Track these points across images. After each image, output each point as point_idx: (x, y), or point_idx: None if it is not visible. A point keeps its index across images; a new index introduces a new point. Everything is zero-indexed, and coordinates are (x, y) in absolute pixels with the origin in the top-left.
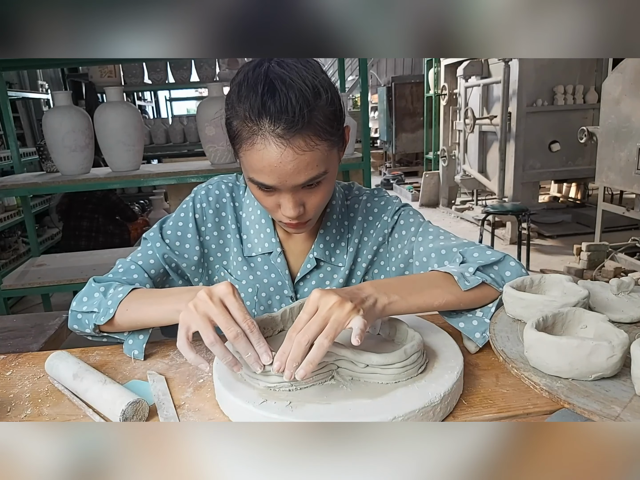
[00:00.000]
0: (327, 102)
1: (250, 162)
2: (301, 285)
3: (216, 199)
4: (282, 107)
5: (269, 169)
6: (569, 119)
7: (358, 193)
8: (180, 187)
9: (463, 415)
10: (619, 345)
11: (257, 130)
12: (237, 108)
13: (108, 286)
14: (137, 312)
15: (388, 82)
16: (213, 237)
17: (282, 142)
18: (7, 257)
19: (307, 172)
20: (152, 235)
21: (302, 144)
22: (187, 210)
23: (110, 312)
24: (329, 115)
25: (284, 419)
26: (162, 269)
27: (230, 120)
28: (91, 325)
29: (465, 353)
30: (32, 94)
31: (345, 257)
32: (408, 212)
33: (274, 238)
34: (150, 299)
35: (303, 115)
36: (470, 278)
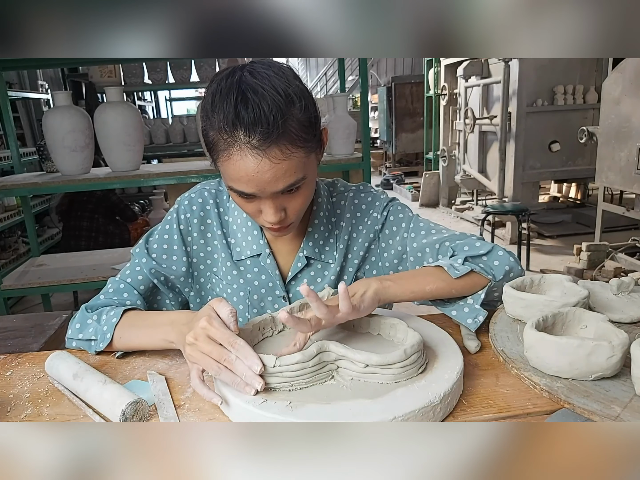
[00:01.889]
0: (301, 109)
1: (228, 172)
2: (292, 285)
3: (200, 207)
4: (256, 117)
5: (247, 178)
6: (569, 119)
7: (343, 189)
8: (180, 187)
9: (463, 415)
10: (619, 345)
11: (233, 142)
12: (212, 119)
13: (100, 313)
14: (130, 340)
15: (388, 82)
16: (200, 245)
17: (258, 152)
18: (7, 257)
19: (285, 180)
20: (138, 252)
21: (278, 154)
22: (171, 222)
23: (107, 337)
24: (304, 123)
25: (284, 419)
26: (150, 283)
27: (207, 132)
28: (91, 351)
29: (465, 353)
30: (32, 94)
31: (335, 254)
32: (397, 208)
33: (262, 240)
34: (142, 322)
35: (277, 125)
36: (459, 267)
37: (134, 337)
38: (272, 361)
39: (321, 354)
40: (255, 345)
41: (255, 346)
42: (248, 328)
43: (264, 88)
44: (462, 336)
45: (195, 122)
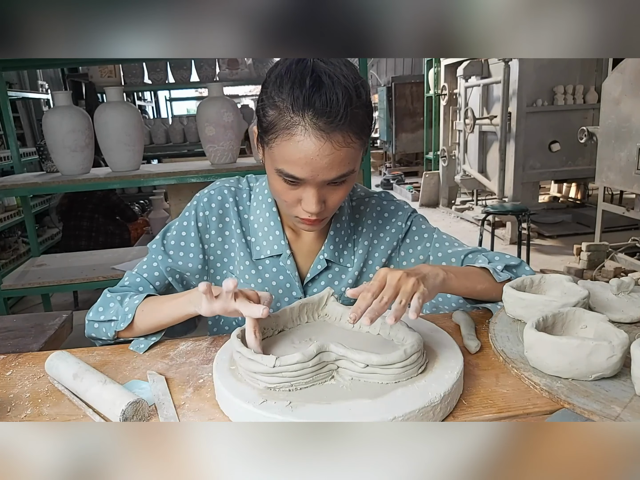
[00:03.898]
0: (366, 102)
1: (284, 153)
2: (310, 286)
3: (219, 205)
4: (328, 101)
5: (304, 161)
6: (569, 119)
7: (364, 195)
8: (180, 187)
9: (463, 415)
10: (619, 345)
11: (299, 121)
12: (277, 99)
13: (124, 295)
14: (152, 311)
15: (388, 82)
16: (217, 243)
17: (323, 135)
18: (7, 257)
19: (339, 169)
20: (155, 248)
21: (340, 140)
22: (189, 219)
23: (129, 317)
24: (367, 115)
25: (284, 419)
26: (166, 281)
27: (266, 111)
28: (110, 332)
29: (465, 353)
30: (32, 94)
31: (353, 258)
32: (419, 219)
33: (283, 240)
34: (164, 298)
35: (346, 112)
36: (501, 273)
37: (156, 309)
38: (272, 361)
39: (321, 354)
40: None
41: None
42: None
43: (337, 75)
44: (462, 336)
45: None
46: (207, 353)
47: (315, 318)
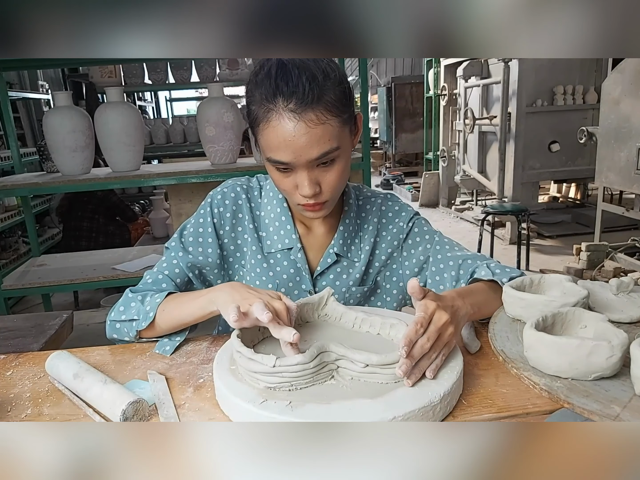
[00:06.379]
0: (336, 81)
1: (267, 140)
2: (319, 280)
3: (232, 201)
4: (294, 85)
5: (285, 143)
6: (568, 119)
7: (370, 195)
8: (180, 187)
9: (463, 415)
10: (619, 345)
11: (273, 108)
12: (254, 93)
13: (145, 295)
14: (173, 310)
15: (388, 82)
16: (231, 238)
17: (295, 116)
18: (7, 257)
19: (320, 146)
20: (174, 245)
21: (313, 118)
22: (205, 216)
23: (150, 316)
24: (338, 94)
25: (284, 419)
26: (186, 277)
27: (250, 107)
28: (132, 332)
29: (465, 353)
30: (32, 94)
31: (360, 253)
32: (421, 221)
33: (294, 234)
34: (185, 297)
35: (313, 91)
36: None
37: (177, 308)
38: (272, 361)
39: (321, 354)
40: (256, 345)
41: (255, 346)
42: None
43: (303, 61)
44: (462, 336)
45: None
46: (207, 353)
47: (315, 318)
